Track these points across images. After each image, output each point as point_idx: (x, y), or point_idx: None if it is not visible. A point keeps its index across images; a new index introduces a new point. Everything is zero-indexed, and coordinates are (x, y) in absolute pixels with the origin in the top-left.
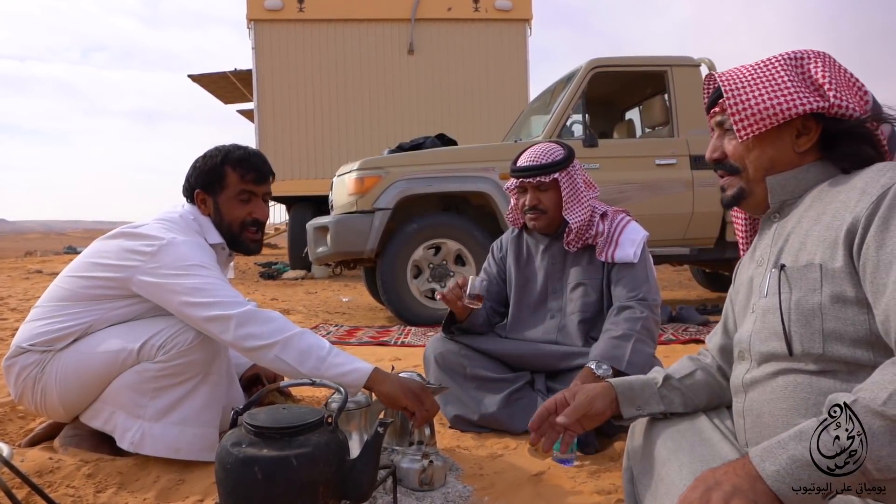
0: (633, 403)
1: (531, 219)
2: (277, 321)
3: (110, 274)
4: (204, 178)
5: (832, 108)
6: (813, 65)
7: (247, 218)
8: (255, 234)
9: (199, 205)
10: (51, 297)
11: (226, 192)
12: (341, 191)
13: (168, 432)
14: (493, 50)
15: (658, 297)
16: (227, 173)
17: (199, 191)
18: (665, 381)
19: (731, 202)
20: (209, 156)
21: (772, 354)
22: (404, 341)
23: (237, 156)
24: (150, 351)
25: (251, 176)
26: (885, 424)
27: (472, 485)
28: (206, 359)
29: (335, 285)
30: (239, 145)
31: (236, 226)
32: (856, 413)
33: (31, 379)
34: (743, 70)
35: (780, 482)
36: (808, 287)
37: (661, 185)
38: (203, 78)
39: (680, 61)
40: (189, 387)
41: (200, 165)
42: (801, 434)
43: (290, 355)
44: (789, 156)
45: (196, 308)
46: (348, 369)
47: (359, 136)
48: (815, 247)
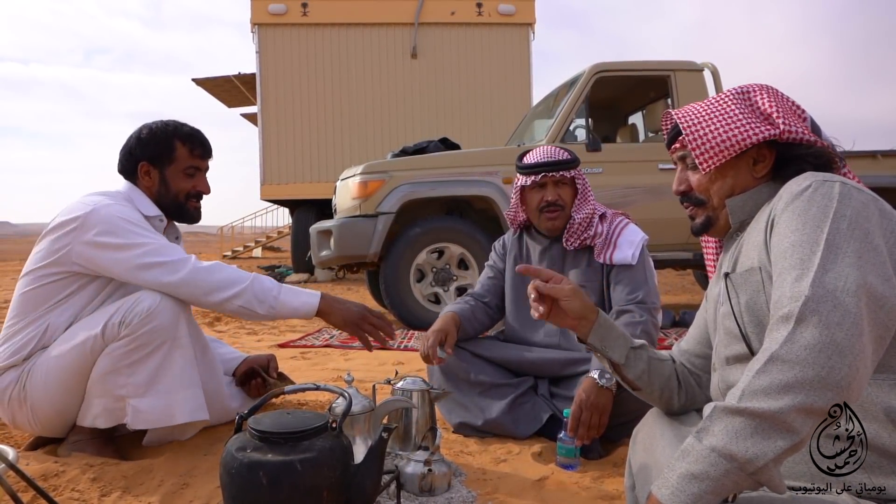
0: (601, 338)
1: (550, 217)
2: (227, 270)
3: (49, 260)
4: (151, 150)
5: (783, 134)
6: (759, 97)
7: (191, 190)
8: (196, 203)
9: (143, 177)
10: (10, 314)
11: (174, 165)
12: (345, 194)
13: (156, 403)
14: (496, 54)
15: (657, 300)
16: (176, 147)
17: (144, 162)
18: (640, 347)
19: (700, 230)
20: (156, 129)
21: (736, 357)
22: (407, 345)
23: (187, 131)
24: (113, 330)
25: (199, 151)
26: (743, 419)
27: (476, 490)
28: (169, 322)
29: (338, 289)
30: (184, 122)
31: (182, 196)
32: (718, 416)
33: (16, 400)
34: (697, 107)
35: (675, 500)
36: (753, 289)
37: (664, 189)
38: (207, 81)
39: (683, 66)
40: (161, 354)
41: (147, 138)
42: (683, 453)
43: (249, 301)
44: (748, 181)
45: (147, 271)
46: (298, 304)
47: (362, 139)
48: (751, 251)
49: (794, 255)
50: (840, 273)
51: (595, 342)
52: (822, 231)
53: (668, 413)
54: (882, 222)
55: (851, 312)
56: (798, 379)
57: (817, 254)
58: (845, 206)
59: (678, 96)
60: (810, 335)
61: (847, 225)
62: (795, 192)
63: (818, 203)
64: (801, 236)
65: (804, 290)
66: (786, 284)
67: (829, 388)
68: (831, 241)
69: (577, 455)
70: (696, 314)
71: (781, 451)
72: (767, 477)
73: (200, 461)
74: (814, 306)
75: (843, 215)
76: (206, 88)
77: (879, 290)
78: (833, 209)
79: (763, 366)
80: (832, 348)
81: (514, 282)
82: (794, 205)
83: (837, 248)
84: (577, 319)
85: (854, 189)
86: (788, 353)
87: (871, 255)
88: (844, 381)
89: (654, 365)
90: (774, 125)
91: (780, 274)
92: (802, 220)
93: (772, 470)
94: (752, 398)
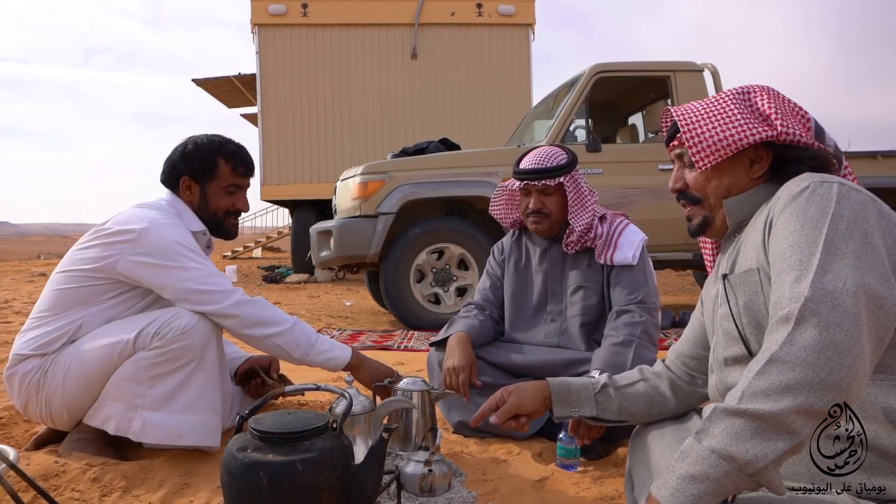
0: (566, 404)
1: (534, 222)
2: (272, 309)
3: (95, 265)
4: (195, 166)
5: (780, 136)
6: (759, 98)
7: (230, 207)
8: (234, 220)
9: (184, 191)
10: (41, 306)
11: (216, 182)
12: (345, 195)
13: (168, 420)
14: (496, 54)
15: (657, 299)
16: (219, 164)
17: (186, 177)
18: (602, 388)
19: (697, 231)
20: (201, 144)
21: (735, 358)
22: (407, 346)
23: (231, 149)
24: (146, 339)
25: (242, 170)
26: (743, 421)
27: (476, 490)
28: (200, 343)
29: (338, 289)
30: (229, 138)
31: (221, 213)
32: (718, 417)
33: (33, 386)
34: (696, 105)
35: (675, 500)
36: (751, 290)
37: (664, 189)
38: (207, 82)
39: (683, 66)
40: (185, 373)
41: (191, 153)
42: (683, 454)
43: (287, 343)
44: (745, 182)
45: (193, 296)
46: (332, 355)
47: (362, 140)
48: (749, 252)
49: (793, 256)
50: (839, 274)
51: (564, 411)
52: (821, 232)
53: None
54: (880, 223)
55: (851, 313)
56: (798, 380)
57: (816, 255)
58: (844, 206)
59: (678, 97)
60: (810, 336)
61: (846, 226)
62: (794, 192)
63: (816, 204)
64: (800, 237)
65: (803, 291)
66: (785, 285)
67: (828, 389)
68: (830, 242)
69: (577, 455)
70: (692, 315)
71: (781, 452)
72: (767, 478)
73: (201, 461)
74: (813, 307)
75: (841, 216)
76: (206, 89)
77: (878, 290)
78: (831, 210)
79: (763, 367)
80: (832, 349)
81: (514, 286)
82: (792, 206)
83: (836, 249)
84: (540, 407)
85: (852, 190)
86: (788, 355)
87: (869, 256)
88: (844, 381)
89: (625, 396)
90: (772, 126)
91: (779, 275)
92: (801, 221)
93: (772, 471)
94: (752, 400)
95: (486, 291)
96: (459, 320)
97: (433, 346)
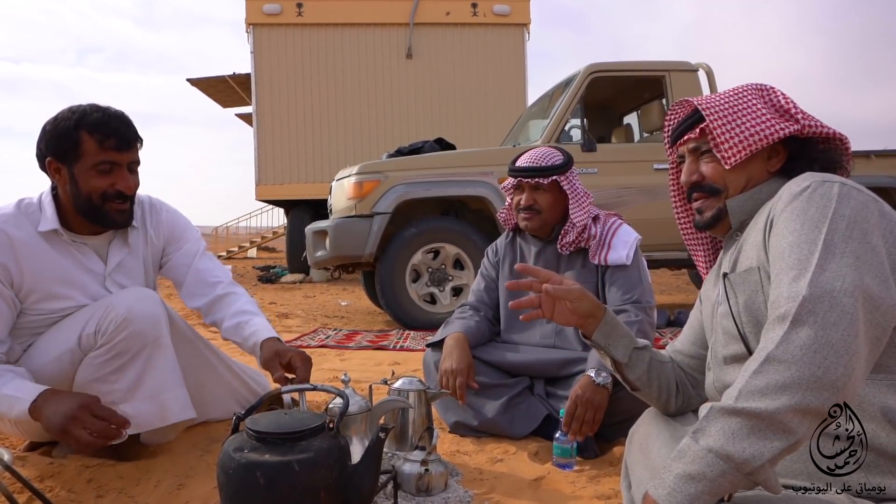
0: (606, 336)
1: (524, 218)
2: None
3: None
4: (55, 145)
5: (804, 129)
6: (775, 95)
7: (109, 189)
8: (121, 205)
9: (53, 174)
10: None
11: (82, 161)
12: (340, 195)
13: (144, 406)
14: (491, 54)
15: (652, 299)
16: (82, 139)
17: (50, 159)
18: (643, 348)
19: (709, 223)
20: (61, 118)
21: (734, 357)
22: (403, 345)
23: (94, 119)
24: (89, 340)
25: (111, 142)
26: (740, 420)
27: (473, 489)
28: (147, 327)
29: (333, 289)
30: (98, 105)
31: (96, 197)
32: (714, 416)
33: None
34: (720, 98)
35: (672, 500)
36: (751, 289)
37: (659, 189)
38: (201, 82)
39: (677, 66)
40: (143, 359)
41: (51, 129)
42: (679, 453)
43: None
44: (762, 175)
45: None
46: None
47: (357, 139)
48: (751, 251)
49: (792, 255)
50: (837, 273)
51: (599, 339)
52: (821, 231)
53: (665, 414)
54: (881, 223)
55: (848, 313)
56: (794, 379)
57: (815, 254)
58: (844, 206)
59: (673, 96)
60: (806, 335)
61: (846, 225)
62: (794, 192)
63: (817, 203)
64: (800, 236)
65: (801, 290)
66: (783, 284)
67: (824, 388)
68: (829, 242)
69: (574, 455)
70: (690, 314)
71: (778, 451)
72: (764, 477)
73: (197, 462)
74: (810, 306)
75: (841, 216)
76: (200, 88)
77: (876, 291)
78: (832, 209)
79: (759, 366)
80: (828, 348)
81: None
82: (792, 205)
83: (835, 249)
84: (584, 318)
85: (853, 189)
86: (784, 354)
87: (869, 256)
88: (840, 381)
89: (655, 367)
90: (795, 121)
91: (778, 274)
92: (801, 221)
93: (768, 470)
94: (749, 398)
95: (480, 293)
96: (455, 321)
97: (429, 346)
